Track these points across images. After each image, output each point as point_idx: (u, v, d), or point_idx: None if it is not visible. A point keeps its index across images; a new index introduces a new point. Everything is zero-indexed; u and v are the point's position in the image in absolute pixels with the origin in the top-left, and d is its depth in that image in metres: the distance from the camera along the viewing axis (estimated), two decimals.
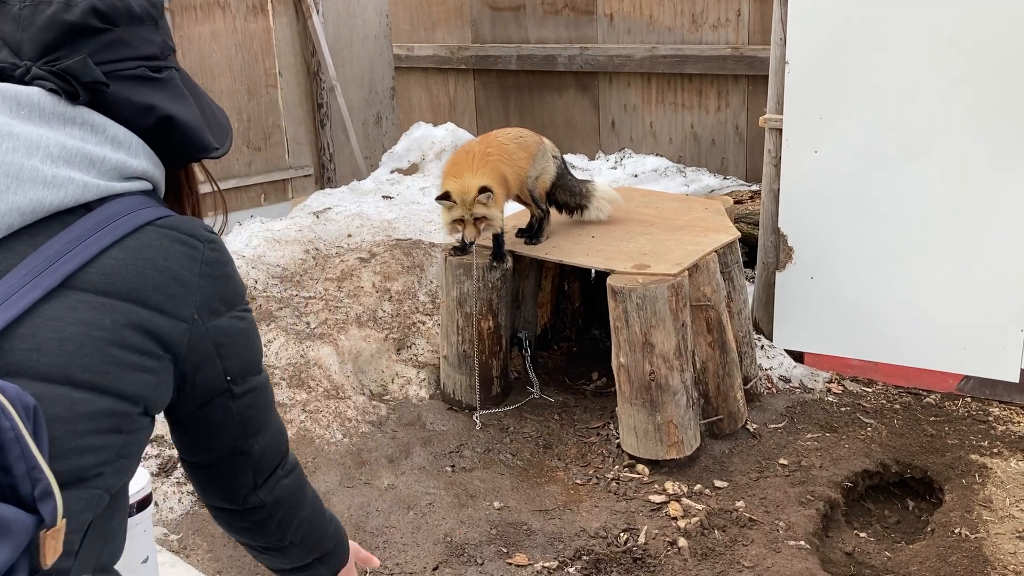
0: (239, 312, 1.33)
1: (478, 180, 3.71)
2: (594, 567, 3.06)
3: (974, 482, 3.50)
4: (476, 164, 3.81)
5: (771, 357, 4.40)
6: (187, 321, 1.23)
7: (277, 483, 1.45)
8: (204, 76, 5.80)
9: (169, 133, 1.31)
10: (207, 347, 1.27)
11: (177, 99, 1.32)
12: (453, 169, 3.84)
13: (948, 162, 3.95)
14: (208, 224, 1.36)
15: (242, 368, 1.33)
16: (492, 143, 3.97)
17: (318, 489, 3.40)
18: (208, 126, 1.37)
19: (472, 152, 3.89)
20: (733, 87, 6.17)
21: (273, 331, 4.05)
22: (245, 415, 1.36)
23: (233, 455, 1.38)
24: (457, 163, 3.87)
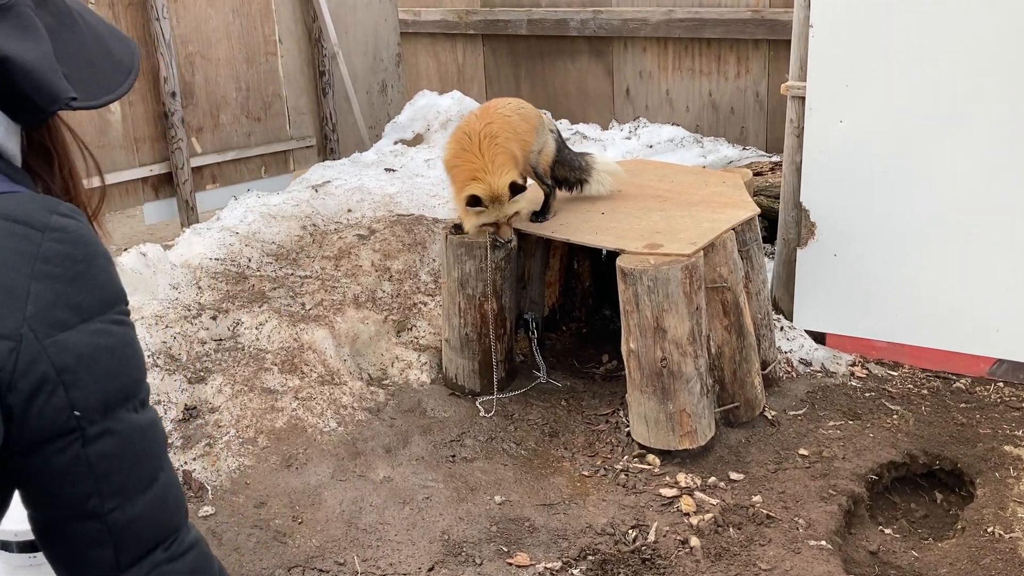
0: (103, 323, 1.05)
1: (504, 176, 3.40)
2: (600, 568, 2.87)
3: (1008, 475, 3.28)
4: (487, 152, 3.47)
5: (791, 339, 4.17)
6: (11, 338, 0.96)
7: (155, 569, 1.09)
8: (201, 43, 5.57)
9: (7, 78, 1.03)
10: (43, 371, 0.98)
11: (18, 36, 1.04)
12: (466, 164, 3.49)
13: (985, 133, 3.69)
14: (69, 205, 1.07)
15: (101, 400, 1.03)
16: (494, 117, 3.67)
17: (308, 483, 3.23)
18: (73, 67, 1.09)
19: (476, 135, 3.54)
20: (754, 52, 5.88)
21: (265, 313, 3.86)
22: (102, 466, 1.03)
23: (81, 519, 1.04)
24: (466, 155, 3.51)
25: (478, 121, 3.64)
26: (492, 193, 3.41)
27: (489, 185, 3.41)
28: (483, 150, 3.48)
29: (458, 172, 3.54)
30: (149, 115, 5.36)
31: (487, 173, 3.43)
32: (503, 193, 3.41)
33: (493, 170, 3.43)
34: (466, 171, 3.48)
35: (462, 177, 3.50)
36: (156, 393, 3.49)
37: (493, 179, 3.41)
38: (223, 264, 4.20)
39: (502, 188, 3.41)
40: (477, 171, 3.44)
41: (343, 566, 2.88)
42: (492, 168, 3.44)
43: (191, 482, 3.20)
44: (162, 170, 5.47)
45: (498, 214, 3.45)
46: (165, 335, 3.71)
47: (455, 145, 3.62)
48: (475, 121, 3.66)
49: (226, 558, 2.89)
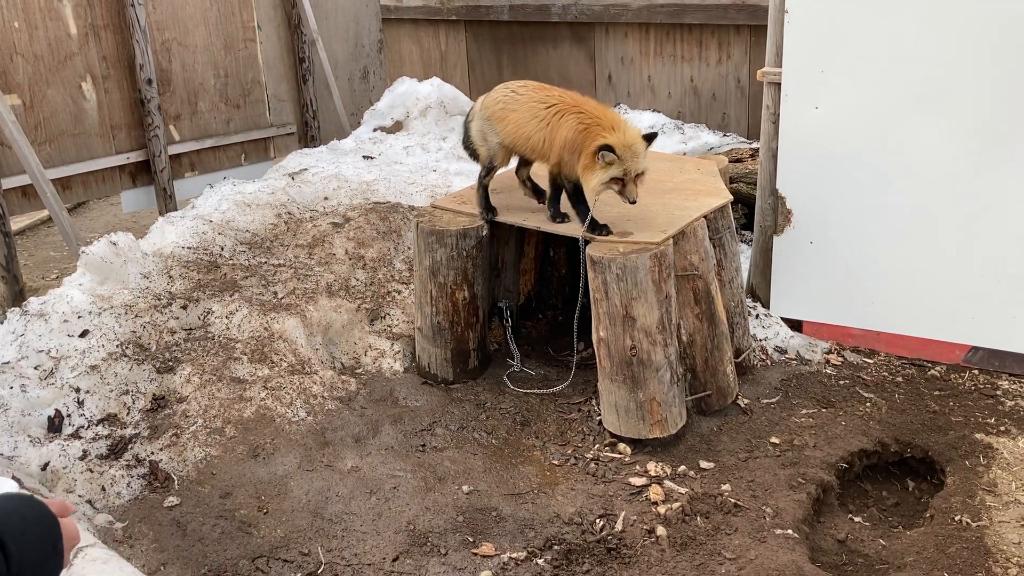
0: None
1: (629, 128, 3.22)
2: (565, 558, 2.86)
3: (978, 463, 3.27)
4: (608, 112, 3.31)
5: (767, 327, 4.15)
6: None
7: None
8: (177, 29, 5.52)
9: None
10: None
11: None
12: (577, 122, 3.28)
13: (961, 119, 3.66)
14: None
15: None
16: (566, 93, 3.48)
17: (275, 473, 3.21)
18: None
19: (572, 98, 3.38)
20: (735, 38, 5.84)
21: (236, 302, 3.84)
22: None
23: None
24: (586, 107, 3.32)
25: (564, 96, 3.43)
26: (625, 141, 3.22)
27: (623, 134, 3.23)
28: (591, 109, 3.32)
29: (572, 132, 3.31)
30: (125, 102, 5.32)
31: (616, 123, 3.27)
32: (636, 142, 3.23)
33: (614, 124, 3.27)
34: (595, 121, 3.27)
35: (587, 140, 3.26)
36: (124, 383, 3.47)
37: (626, 129, 3.25)
38: (195, 253, 4.17)
39: (634, 137, 3.24)
40: (601, 126, 3.25)
41: (308, 556, 2.87)
42: (612, 123, 3.27)
43: (157, 472, 3.18)
44: (139, 158, 5.43)
45: (630, 166, 3.24)
46: (135, 324, 3.69)
47: (570, 117, 3.35)
48: (562, 96, 3.44)
49: (190, 548, 2.87)
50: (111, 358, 3.49)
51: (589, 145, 3.26)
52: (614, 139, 3.22)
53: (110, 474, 3.12)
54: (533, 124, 3.45)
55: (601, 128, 3.27)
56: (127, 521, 2.99)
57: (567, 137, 3.34)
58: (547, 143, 3.43)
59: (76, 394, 3.35)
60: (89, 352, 3.47)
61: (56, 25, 4.95)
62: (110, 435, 3.28)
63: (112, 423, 3.33)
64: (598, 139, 3.24)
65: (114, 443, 3.25)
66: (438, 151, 5.74)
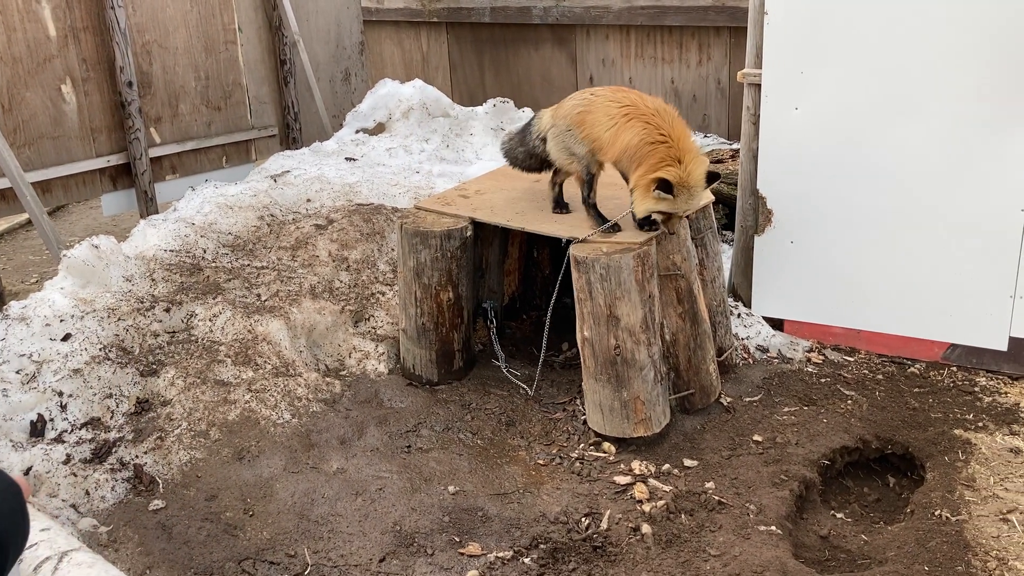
0: None
1: (698, 161, 3.07)
2: (551, 556, 2.88)
3: (957, 459, 3.31)
4: (678, 126, 3.13)
5: (748, 325, 4.19)
6: None
7: None
8: (158, 32, 5.50)
9: None
10: None
11: None
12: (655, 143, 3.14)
13: (937, 120, 3.71)
14: None
15: None
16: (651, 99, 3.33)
17: (260, 475, 3.21)
18: None
19: (662, 114, 3.20)
20: (715, 40, 5.89)
21: (219, 304, 3.83)
22: None
23: None
24: (659, 118, 3.17)
25: (644, 100, 3.31)
26: (685, 180, 3.08)
27: (685, 169, 3.08)
28: (678, 129, 3.18)
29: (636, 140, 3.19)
30: (105, 105, 5.29)
31: (683, 153, 3.11)
32: (697, 184, 3.11)
33: (689, 151, 3.12)
34: (664, 150, 3.13)
35: (650, 158, 3.15)
36: (108, 386, 3.46)
37: (690, 163, 3.09)
38: (178, 256, 4.16)
39: (697, 178, 3.10)
40: (668, 146, 3.11)
41: (294, 558, 2.87)
42: (687, 147, 3.12)
43: (142, 475, 3.17)
44: (120, 161, 5.41)
45: (683, 206, 3.16)
46: (117, 328, 3.67)
47: (639, 122, 3.22)
48: (641, 100, 3.32)
49: (176, 551, 2.87)
50: (94, 361, 3.47)
51: (650, 169, 3.15)
52: (675, 176, 3.09)
53: (94, 478, 3.10)
54: (604, 123, 3.33)
55: (668, 152, 3.13)
56: (112, 525, 2.98)
57: (629, 142, 3.22)
58: (610, 141, 3.32)
59: (59, 398, 3.33)
60: (72, 356, 3.45)
61: (35, 27, 4.92)
62: (94, 439, 3.26)
63: (96, 427, 3.32)
64: (660, 170, 3.11)
65: (98, 447, 3.24)
66: (421, 152, 5.75)
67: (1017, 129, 3.57)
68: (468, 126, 6.06)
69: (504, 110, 6.25)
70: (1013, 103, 3.55)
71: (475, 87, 7.00)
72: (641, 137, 3.21)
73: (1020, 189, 3.63)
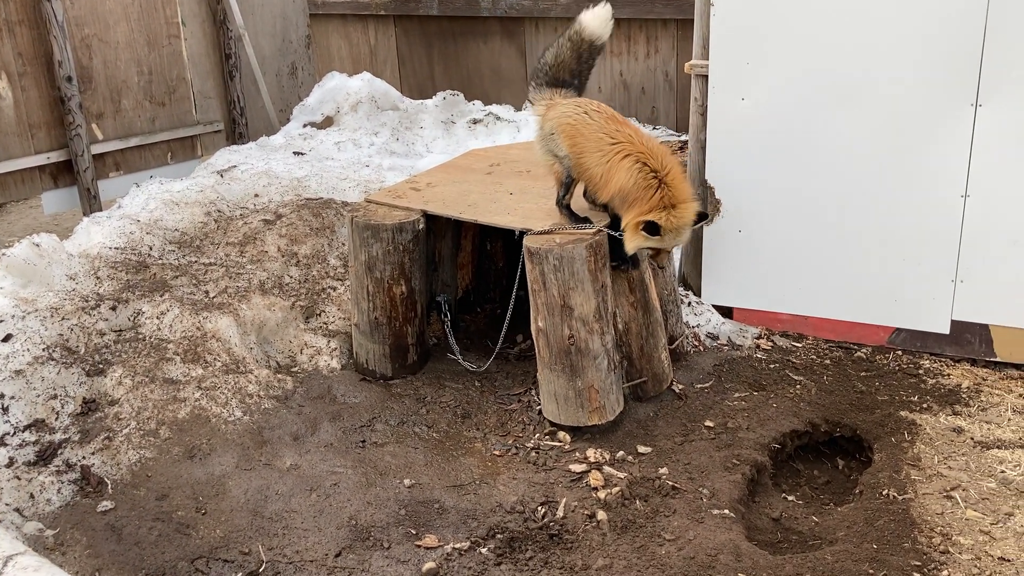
0: None
1: (689, 203, 3.18)
2: (508, 546, 2.88)
3: (903, 440, 3.39)
4: (670, 165, 3.22)
5: (699, 314, 4.24)
6: None
7: None
8: (97, 25, 5.38)
9: None
10: None
11: None
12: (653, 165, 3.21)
13: (878, 110, 3.79)
14: None
15: None
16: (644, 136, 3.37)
17: (212, 473, 3.17)
18: None
19: (659, 157, 3.26)
20: (662, 32, 5.94)
21: (167, 302, 3.76)
22: None
23: None
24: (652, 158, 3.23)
25: (639, 136, 3.35)
26: (676, 223, 3.19)
27: (675, 214, 3.18)
28: (671, 168, 3.25)
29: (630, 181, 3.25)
30: (44, 100, 5.16)
31: (672, 198, 3.20)
32: (685, 226, 3.21)
33: (680, 191, 3.22)
34: (645, 185, 3.22)
35: (643, 202, 3.23)
36: (52, 387, 3.38)
37: (681, 207, 3.19)
38: (123, 253, 4.07)
39: (686, 221, 3.20)
40: (662, 189, 3.20)
41: (248, 556, 2.83)
42: (679, 189, 3.22)
43: (89, 477, 3.11)
44: (60, 158, 5.28)
45: (671, 243, 3.26)
46: (61, 327, 3.59)
47: (634, 164, 3.27)
48: (637, 136, 3.35)
49: (126, 552, 2.82)
50: (37, 362, 3.39)
51: (640, 209, 3.22)
52: (665, 221, 3.17)
53: (39, 480, 3.03)
54: (596, 156, 3.35)
55: (662, 198, 3.20)
56: (59, 528, 2.91)
57: (624, 184, 3.27)
58: (603, 179, 3.35)
59: (0, 400, 3.24)
60: (13, 356, 3.36)
61: None
62: (38, 441, 3.18)
63: (40, 428, 3.24)
64: (651, 213, 3.18)
65: (42, 449, 3.16)
66: (370, 146, 5.71)
67: (956, 117, 3.67)
68: (418, 119, 6.03)
69: (454, 103, 6.24)
70: (953, 92, 3.64)
71: (424, 80, 6.97)
72: (636, 180, 3.25)
73: (960, 175, 3.72)
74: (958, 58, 3.60)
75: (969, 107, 3.64)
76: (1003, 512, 2.95)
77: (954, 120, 3.67)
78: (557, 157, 3.55)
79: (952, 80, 3.63)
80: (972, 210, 3.74)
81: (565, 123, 3.47)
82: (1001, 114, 3.60)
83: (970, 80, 3.61)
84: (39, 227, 6.26)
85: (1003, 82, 3.57)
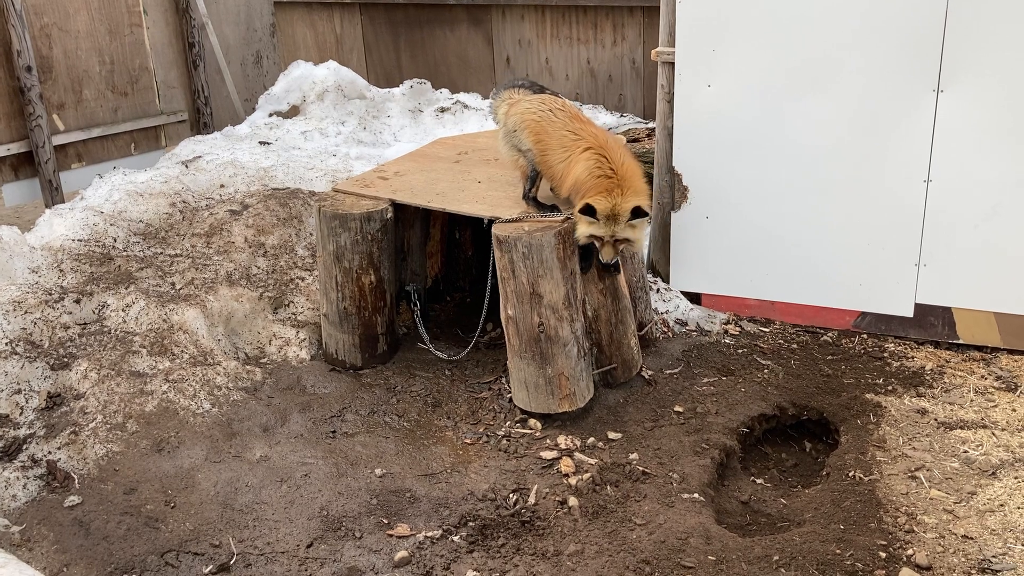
0: None
1: (633, 198, 3.24)
2: (480, 534, 2.89)
3: (868, 422, 3.44)
4: (628, 164, 3.30)
5: (667, 300, 4.27)
6: None
7: None
8: (57, 14, 5.29)
9: None
10: None
11: None
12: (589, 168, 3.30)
13: (843, 96, 3.83)
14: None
15: None
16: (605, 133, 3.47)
17: (181, 466, 3.14)
18: None
19: (617, 153, 3.35)
20: (629, 20, 5.95)
21: (132, 294, 3.72)
22: None
23: None
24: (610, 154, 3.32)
25: (591, 127, 3.46)
26: (610, 210, 3.24)
27: (613, 200, 3.24)
28: (626, 163, 3.33)
29: (584, 174, 3.33)
30: (3, 91, 5.07)
31: (617, 187, 3.26)
32: (623, 213, 3.24)
33: (627, 185, 3.27)
34: (596, 178, 3.30)
35: (591, 183, 3.31)
36: (16, 382, 3.33)
37: (620, 197, 3.24)
38: (87, 245, 4.02)
39: (625, 209, 3.24)
40: (610, 185, 3.27)
41: (219, 548, 2.82)
42: (626, 183, 3.27)
43: (56, 472, 3.07)
44: (21, 149, 5.19)
45: (608, 231, 3.28)
46: (24, 321, 3.54)
47: (591, 157, 3.36)
48: (589, 127, 3.46)
49: (94, 547, 2.79)
50: (0, 356, 3.34)
51: (586, 195, 3.30)
52: (602, 204, 3.24)
53: (4, 477, 2.99)
54: (559, 153, 3.44)
55: (611, 183, 3.27)
56: (25, 524, 2.87)
57: (579, 177, 3.35)
58: (563, 175, 3.43)
59: None
60: None
61: None
62: (2, 436, 3.14)
63: (3, 424, 3.19)
64: (589, 196, 3.26)
65: (7, 444, 3.12)
66: (337, 135, 5.67)
67: (919, 103, 3.71)
68: (385, 108, 5.99)
69: (421, 91, 6.21)
70: (915, 78, 3.69)
71: (391, 68, 6.93)
72: (590, 171, 3.32)
73: (922, 160, 3.77)
74: (920, 44, 3.65)
75: (931, 93, 3.69)
76: (966, 491, 3.01)
77: (916, 106, 3.72)
78: (521, 152, 3.60)
79: (914, 66, 3.68)
80: (934, 195, 3.80)
81: (530, 119, 3.53)
82: (962, 100, 3.66)
83: (931, 66, 3.66)
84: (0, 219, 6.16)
85: (964, 68, 3.62)
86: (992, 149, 3.67)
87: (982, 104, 3.63)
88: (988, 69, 3.59)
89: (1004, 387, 3.62)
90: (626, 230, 3.29)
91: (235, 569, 2.73)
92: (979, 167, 3.70)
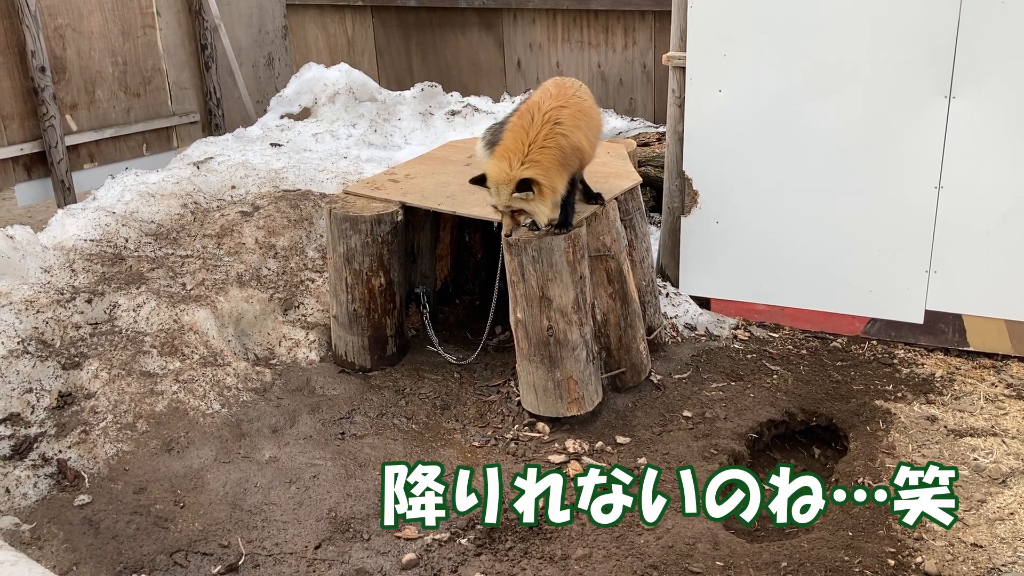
0: None
1: (522, 170, 3.09)
2: (487, 537, 2.89)
3: (878, 428, 3.43)
4: (533, 140, 3.15)
5: (676, 305, 4.27)
6: None
7: None
8: (71, 15, 5.32)
9: None
10: None
11: None
12: (507, 140, 3.18)
13: (854, 101, 3.82)
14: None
15: None
16: (569, 101, 3.29)
17: (190, 466, 3.15)
18: None
19: (536, 118, 3.19)
20: (640, 24, 5.95)
21: (144, 294, 3.73)
22: None
23: None
24: (514, 133, 3.19)
25: (552, 101, 3.28)
26: (498, 178, 3.12)
27: (500, 169, 3.12)
28: (530, 139, 3.18)
29: (503, 142, 3.23)
30: (17, 91, 5.10)
31: (511, 156, 3.14)
32: (508, 183, 3.12)
33: (518, 159, 3.14)
34: (500, 149, 3.20)
35: (499, 150, 3.21)
36: (27, 381, 3.35)
37: (509, 166, 3.12)
38: (99, 245, 4.04)
39: (510, 179, 3.11)
40: (505, 151, 3.16)
41: (227, 548, 2.83)
42: (519, 156, 3.14)
43: (66, 471, 3.08)
44: (34, 149, 5.22)
45: (498, 201, 3.18)
46: (36, 320, 3.56)
47: (515, 121, 3.28)
48: (549, 100, 3.29)
49: (104, 546, 2.80)
50: (12, 356, 3.36)
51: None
52: (487, 170, 3.18)
53: (15, 475, 3.01)
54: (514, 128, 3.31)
55: (508, 153, 3.17)
56: (35, 522, 2.89)
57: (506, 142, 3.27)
58: None
59: None
60: None
61: None
62: (13, 435, 3.16)
63: (15, 422, 3.21)
64: (487, 164, 3.20)
65: (18, 443, 3.13)
66: (348, 137, 5.68)
67: (930, 109, 3.70)
68: (396, 111, 6.00)
69: (432, 94, 6.22)
70: (927, 84, 3.68)
71: (402, 71, 6.95)
72: (503, 142, 3.25)
73: (934, 166, 3.76)
74: (932, 51, 3.64)
75: (943, 99, 3.68)
76: (975, 499, 3.00)
77: (928, 112, 3.71)
78: None
79: (926, 72, 3.67)
80: (945, 201, 3.79)
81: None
82: (974, 106, 3.65)
83: (944, 72, 3.65)
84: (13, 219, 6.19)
85: (976, 75, 3.61)
86: (1003, 156, 3.66)
87: (994, 111, 3.62)
88: (1000, 76, 3.58)
89: (1014, 395, 3.61)
90: (516, 202, 3.15)
91: (243, 570, 2.74)
92: (990, 174, 3.69)
